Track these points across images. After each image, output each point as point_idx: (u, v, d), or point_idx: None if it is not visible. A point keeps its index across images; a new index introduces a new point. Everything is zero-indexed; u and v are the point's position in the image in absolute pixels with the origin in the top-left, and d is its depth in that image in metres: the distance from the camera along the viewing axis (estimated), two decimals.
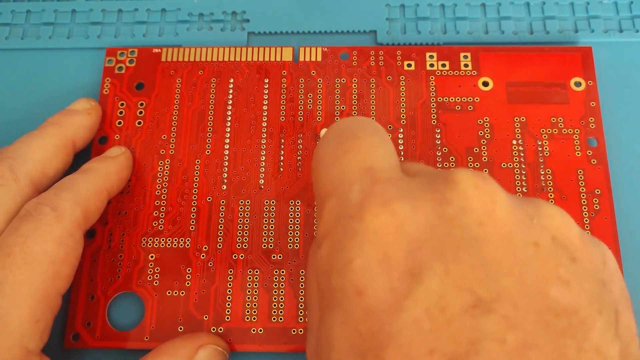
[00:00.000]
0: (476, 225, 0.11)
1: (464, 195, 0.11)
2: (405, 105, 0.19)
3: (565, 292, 0.10)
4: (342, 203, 0.12)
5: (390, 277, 0.10)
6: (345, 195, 0.12)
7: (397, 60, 0.19)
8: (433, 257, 0.10)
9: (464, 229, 0.11)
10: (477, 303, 0.10)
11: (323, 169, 0.13)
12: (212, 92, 0.19)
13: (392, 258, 0.11)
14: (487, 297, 0.10)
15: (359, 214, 0.11)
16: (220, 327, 0.16)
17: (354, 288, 0.11)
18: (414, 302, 0.10)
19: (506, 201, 0.11)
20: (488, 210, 0.11)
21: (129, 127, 0.19)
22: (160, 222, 0.18)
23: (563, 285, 0.10)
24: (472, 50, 0.19)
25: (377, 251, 0.11)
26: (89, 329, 0.17)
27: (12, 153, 0.16)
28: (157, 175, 0.18)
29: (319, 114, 0.19)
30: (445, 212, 0.11)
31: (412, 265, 0.10)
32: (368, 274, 0.10)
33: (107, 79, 0.19)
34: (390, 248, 0.11)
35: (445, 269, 0.10)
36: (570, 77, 0.19)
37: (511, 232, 0.11)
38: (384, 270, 0.10)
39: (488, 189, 0.11)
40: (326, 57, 0.19)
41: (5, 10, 0.21)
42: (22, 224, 0.14)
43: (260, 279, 0.17)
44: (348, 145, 0.13)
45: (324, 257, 0.11)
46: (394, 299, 0.10)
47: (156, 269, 0.17)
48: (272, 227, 0.17)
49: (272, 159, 0.18)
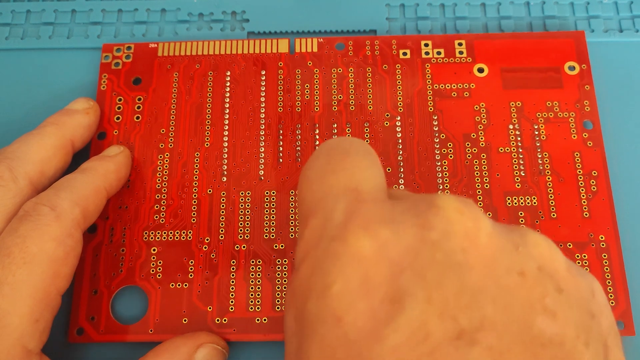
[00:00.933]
0: (459, 251, 0.10)
1: (447, 220, 0.11)
2: (402, 93, 0.19)
3: (551, 323, 0.10)
4: (325, 223, 0.11)
5: (370, 303, 0.10)
6: (329, 214, 0.11)
7: (393, 49, 0.19)
8: (415, 282, 0.10)
9: (446, 255, 0.10)
10: (460, 334, 0.09)
11: (309, 186, 0.12)
12: (209, 85, 0.19)
13: (372, 282, 0.10)
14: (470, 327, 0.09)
15: (341, 235, 0.11)
16: (225, 318, 0.16)
17: (332, 314, 0.10)
18: (395, 330, 0.10)
19: (490, 227, 0.11)
20: (471, 236, 0.10)
21: (128, 123, 0.19)
22: (161, 216, 0.18)
23: (549, 316, 0.10)
24: (467, 37, 0.20)
25: (358, 275, 0.10)
26: (93, 323, 0.17)
27: (11, 153, 0.16)
28: (157, 169, 0.18)
29: (316, 105, 0.19)
30: (428, 236, 0.10)
31: (394, 291, 0.10)
32: (347, 300, 0.10)
33: (104, 75, 0.19)
34: (371, 272, 0.10)
35: (427, 295, 0.10)
36: (564, 61, 0.19)
37: (495, 259, 0.10)
38: (364, 295, 0.10)
39: (471, 215, 0.11)
40: (322, 47, 0.20)
41: (5, 10, 0.21)
42: (21, 224, 0.14)
43: (262, 269, 0.17)
44: (337, 163, 0.12)
45: (303, 279, 0.11)
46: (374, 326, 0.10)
47: (159, 262, 0.17)
48: (273, 217, 0.18)
49: (271, 150, 0.18)
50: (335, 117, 0.19)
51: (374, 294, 0.10)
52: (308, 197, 0.12)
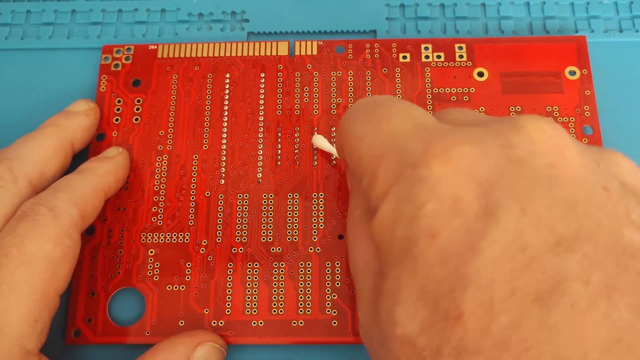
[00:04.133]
0: (547, 167, 0.10)
1: (530, 139, 0.11)
2: (401, 97, 0.19)
3: (638, 234, 0.10)
4: (402, 157, 0.11)
5: (464, 219, 0.10)
6: (403, 149, 0.12)
7: (393, 52, 0.19)
8: (507, 196, 0.10)
9: (535, 170, 0.10)
10: (559, 241, 0.10)
11: (362, 142, 0.13)
12: (208, 87, 0.19)
13: (464, 200, 0.10)
14: (568, 235, 0.10)
15: (424, 161, 0.11)
16: (221, 321, 0.16)
17: (427, 232, 0.10)
18: (492, 242, 0.10)
19: (574, 145, 0.11)
20: (557, 152, 0.11)
21: (127, 124, 0.19)
22: (159, 218, 0.18)
23: (636, 228, 0.10)
24: (467, 41, 0.19)
25: (449, 194, 0.10)
26: (90, 325, 0.17)
27: (11, 154, 0.16)
28: (155, 171, 0.18)
29: (315, 108, 0.19)
30: (512, 154, 0.11)
31: (486, 206, 0.10)
32: (441, 217, 0.10)
33: (103, 76, 0.19)
34: (461, 190, 0.10)
35: (521, 207, 0.10)
36: (564, 66, 0.19)
37: (581, 175, 0.10)
38: (457, 212, 0.10)
39: (554, 132, 0.11)
40: (322, 50, 0.19)
41: (5, 10, 0.21)
42: (19, 224, 0.14)
43: (259, 272, 0.17)
44: (384, 112, 0.13)
45: (387, 213, 0.11)
46: (470, 240, 0.10)
47: (156, 264, 0.17)
48: (270, 220, 0.18)
49: (269, 153, 0.18)
50: (334, 121, 0.19)
51: (467, 211, 0.10)
52: (365, 149, 0.12)
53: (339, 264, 0.17)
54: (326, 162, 0.18)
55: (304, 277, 0.17)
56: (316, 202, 0.18)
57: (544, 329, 0.09)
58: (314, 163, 0.18)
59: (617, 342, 0.09)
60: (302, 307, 0.16)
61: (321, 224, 0.17)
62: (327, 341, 0.16)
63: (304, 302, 0.17)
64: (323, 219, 0.17)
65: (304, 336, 0.16)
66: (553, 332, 0.09)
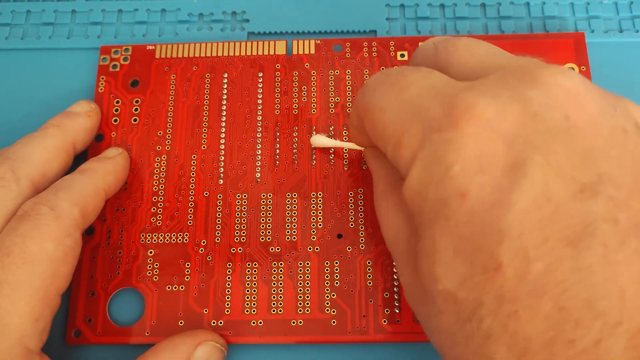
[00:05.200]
0: (564, 119, 0.11)
1: (547, 94, 0.11)
2: None
3: None
4: (425, 123, 0.12)
5: (492, 174, 0.11)
6: (425, 115, 0.12)
7: (391, 51, 0.19)
8: (530, 149, 0.11)
9: (551, 123, 0.11)
10: (582, 188, 0.10)
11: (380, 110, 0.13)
12: (206, 87, 0.19)
13: (490, 156, 0.11)
14: (589, 181, 0.10)
15: (447, 123, 0.11)
16: (220, 320, 0.17)
17: (457, 192, 0.11)
18: (521, 194, 0.10)
19: (591, 93, 0.11)
20: (573, 103, 0.11)
21: (125, 125, 0.19)
22: (158, 218, 0.18)
23: None
24: None
25: (474, 153, 0.11)
26: (90, 325, 0.17)
27: (13, 154, 0.16)
28: (154, 171, 0.18)
29: (313, 107, 0.19)
30: (529, 109, 0.11)
31: (512, 159, 0.11)
32: (469, 176, 0.11)
33: (102, 77, 0.19)
34: (486, 147, 0.11)
35: (545, 159, 0.10)
36: (563, 63, 0.19)
37: (598, 120, 0.11)
38: (484, 169, 0.11)
39: (571, 84, 0.11)
40: (319, 49, 0.19)
41: (5, 10, 0.21)
42: (20, 224, 0.15)
43: (259, 271, 0.17)
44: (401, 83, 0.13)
45: (416, 177, 0.12)
46: (500, 195, 0.10)
47: (155, 265, 0.17)
48: (269, 220, 0.18)
49: (267, 153, 0.18)
50: (332, 120, 0.19)
51: (494, 167, 0.11)
52: (388, 120, 0.13)
53: (338, 263, 0.17)
54: (325, 161, 0.18)
55: (303, 276, 0.17)
56: (315, 201, 0.18)
57: (578, 271, 0.10)
58: (312, 162, 0.18)
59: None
60: (302, 307, 0.17)
61: (320, 223, 0.17)
62: (327, 340, 0.16)
63: (303, 301, 0.17)
64: (322, 218, 0.17)
65: (303, 335, 0.16)
66: (587, 272, 0.09)
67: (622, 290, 0.09)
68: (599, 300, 0.09)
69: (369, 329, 0.16)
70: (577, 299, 0.09)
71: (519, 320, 0.10)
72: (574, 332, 0.09)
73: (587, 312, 0.09)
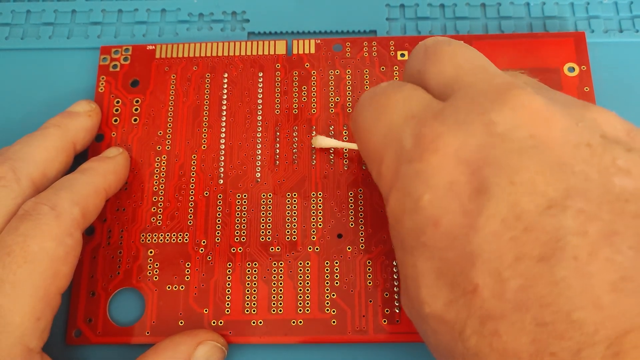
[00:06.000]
0: (529, 138, 0.11)
1: (511, 115, 0.11)
2: None
3: (628, 179, 0.11)
4: (397, 153, 0.12)
5: (460, 201, 0.11)
6: (398, 145, 0.12)
7: (391, 50, 0.19)
8: (494, 172, 0.11)
9: (517, 142, 0.11)
10: (550, 203, 0.10)
11: (368, 136, 0.14)
12: (206, 87, 0.19)
13: (457, 184, 0.11)
14: (559, 196, 0.10)
15: (416, 155, 0.12)
16: (221, 320, 0.17)
17: (430, 221, 0.11)
18: (488, 217, 0.11)
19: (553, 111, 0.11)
20: (538, 122, 0.11)
21: (125, 125, 0.19)
22: (158, 218, 0.18)
23: (625, 174, 0.11)
24: (466, 38, 0.19)
25: (442, 182, 0.11)
26: (91, 325, 0.17)
27: (13, 154, 0.16)
28: (154, 171, 0.18)
29: (313, 106, 0.19)
30: (495, 131, 0.11)
31: (477, 185, 0.11)
32: (439, 204, 0.11)
33: (102, 77, 0.19)
34: (452, 175, 0.11)
35: (509, 180, 0.11)
36: (563, 62, 0.19)
37: (563, 138, 0.11)
38: (453, 197, 0.11)
39: (536, 105, 0.11)
40: (319, 49, 0.19)
41: (5, 10, 0.21)
42: (21, 223, 0.15)
43: (259, 271, 0.17)
44: (384, 105, 0.13)
45: (394, 207, 0.12)
46: (469, 220, 0.11)
47: (156, 264, 0.17)
48: (269, 219, 0.18)
49: (268, 152, 0.18)
50: (332, 119, 0.19)
51: (462, 194, 0.11)
52: (371, 144, 0.13)
53: (338, 263, 0.17)
54: (325, 161, 0.18)
55: (303, 276, 0.17)
56: (315, 201, 0.18)
57: (554, 285, 0.10)
58: (312, 162, 0.18)
59: (625, 280, 0.10)
60: (302, 307, 0.17)
61: (320, 223, 0.17)
62: (327, 340, 0.16)
63: (303, 301, 0.17)
64: (322, 218, 0.17)
65: (303, 335, 0.16)
66: (563, 285, 0.10)
67: (598, 299, 0.09)
68: (576, 311, 0.09)
69: (369, 328, 0.16)
70: (555, 312, 0.10)
71: (502, 338, 0.10)
72: (555, 345, 0.09)
73: (565, 324, 0.10)
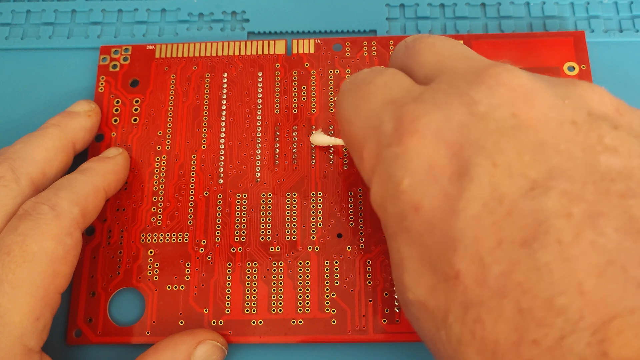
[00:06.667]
0: (510, 117, 0.11)
1: (491, 93, 0.11)
2: None
3: (615, 158, 0.10)
4: (378, 138, 0.12)
5: (440, 184, 0.11)
6: (378, 130, 0.12)
7: (390, 50, 0.19)
8: (476, 153, 0.11)
9: (499, 122, 0.11)
10: (533, 185, 0.10)
11: (350, 124, 0.13)
12: (206, 87, 0.19)
13: (437, 167, 0.11)
14: (541, 177, 0.10)
15: (395, 139, 0.12)
16: (221, 320, 0.17)
17: (410, 205, 0.11)
18: (469, 200, 0.10)
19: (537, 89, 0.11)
20: (520, 100, 0.11)
21: (125, 125, 0.19)
22: (158, 218, 0.18)
23: (611, 152, 0.10)
24: (465, 38, 0.19)
25: (422, 165, 0.11)
26: (91, 325, 0.17)
27: (13, 154, 0.16)
28: (154, 171, 0.18)
29: (313, 106, 0.19)
30: (476, 111, 0.11)
31: (458, 167, 0.11)
32: (419, 189, 0.11)
33: (101, 77, 0.19)
34: (433, 159, 0.11)
35: (491, 161, 0.10)
36: (563, 62, 0.19)
37: (546, 116, 0.11)
38: (433, 180, 0.11)
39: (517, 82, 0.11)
40: (319, 48, 0.19)
41: (5, 10, 0.21)
42: (20, 223, 0.15)
43: (259, 271, 0.17)
44: (364, 92, 0.13)
45: (377, 193, 0.12)
46: (449, 204, 0.10)
47: (156, 264, 0.17)
48: (269, 219, 0.18)
49: (267, 152, 0.18)
50: (331, 119, 0.19)
51: (442, 176, 0.11)
52: (354, 131, 0.13)
53: (338, 263, 0.17)
54: (324, 161, 0.18)
55: (302, 276, 0.17)
56: (314, 201, 0.18)
57: (535, 270, 0.09)
58: (312, 162, 0.18)
59: (609, 264, 0.09)
60: (301, 306, 0.17)
61: (320, 222, 0.17)
62: (327, 340, 0.16)
63: (303, 301, 0.17)
64: (321, 217, 0.17)
65: (303, 335, 0.16)
66: (545, 271, 0.09)
67: (581, 284, 0.09)
68: (559, 297, 0.09)
69: (369, 328, 0.16)
70: (537, 298, 0.09)
71: (484, 325, 0.10)
72: (537, 332, 0.09)
73: (548, 310, 0.09)
